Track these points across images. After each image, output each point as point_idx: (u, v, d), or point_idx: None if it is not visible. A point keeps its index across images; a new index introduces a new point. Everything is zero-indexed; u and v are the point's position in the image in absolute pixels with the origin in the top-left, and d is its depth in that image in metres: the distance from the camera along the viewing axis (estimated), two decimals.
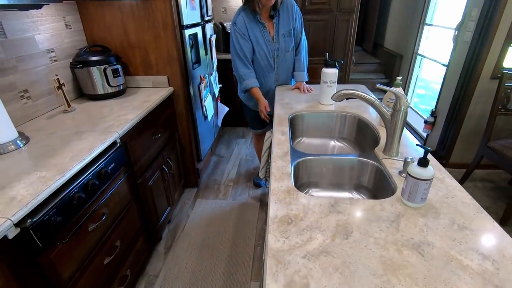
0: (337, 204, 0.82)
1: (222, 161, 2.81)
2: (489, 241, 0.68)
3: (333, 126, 1.52)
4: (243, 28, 1.72)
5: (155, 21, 1.77)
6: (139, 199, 1.54)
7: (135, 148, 1.46)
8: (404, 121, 1.00)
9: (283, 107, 1.57)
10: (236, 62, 1.80)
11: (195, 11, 2.04)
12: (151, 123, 1.66)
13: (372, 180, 1.03)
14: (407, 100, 0.97)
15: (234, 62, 1.82)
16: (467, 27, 2.28)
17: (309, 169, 1.10)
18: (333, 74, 1.51)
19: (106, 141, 1.21)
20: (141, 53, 1.88)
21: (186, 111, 2.06)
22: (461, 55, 2.33)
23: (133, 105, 1.62)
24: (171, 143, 1.98)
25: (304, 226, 0.74)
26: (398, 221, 0.75)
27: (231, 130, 3.43)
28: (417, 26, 3.18)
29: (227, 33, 3.15)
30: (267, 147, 1.83)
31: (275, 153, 1.11)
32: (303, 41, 1.86)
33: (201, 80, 2.21)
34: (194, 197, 2.30)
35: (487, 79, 2.17)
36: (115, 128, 1.33)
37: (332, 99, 1.12)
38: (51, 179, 0.95)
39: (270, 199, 0.86)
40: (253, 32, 1.73)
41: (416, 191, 0.77)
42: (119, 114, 1.50)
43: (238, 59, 1.78)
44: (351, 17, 2.79)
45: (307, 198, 0.85)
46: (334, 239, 0.70)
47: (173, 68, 1.91)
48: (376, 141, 1.23)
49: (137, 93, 1.84)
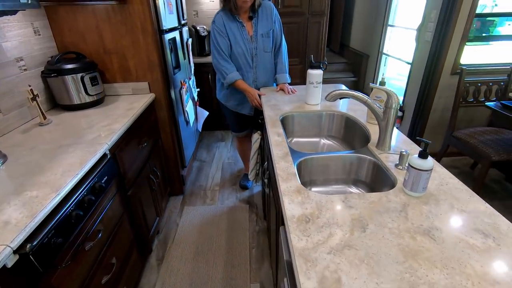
0: (347, 200, 0.86)
1: (205, 166, 2.77)
2: (485, 221, 0.76)
3: (321, 125, 1.57)
4: (221, 26, 1.73)
5: (134, 26, 1.71)
6: (131, 212, 1.47)
7: (124, 159, 1.40)
8: (395, 117, 1.07)
9: (272, 108, 1.60)
10: (217, 58, 1.80)
11: (172, 15, 2.00)
12: (137, 132, 1.60)
13: (370, 174, 1.10)
14: (398, 98, 1.05)
15: (215, 58, 1.81)
16: (427, 28, 2.48)
17: (309, 168, 1.14)
18: (318, 75, 1.57)
19: (97, 153, 1.15)
20: (118, 59, 1.79)
21: (168, 118, 2.00)
22: (423, 54, 2.53)
23: (116, 114, 1.55)
24: (155, 151, 1.91)
25: (322, 223, 0.77)
26: (405, 211, 0.81)
27: (209, 134, 3.40)
28: (381, 27, 3.40)
29: (200, 37, 3.12)
30: (256, 148, 1.85)
31: (276, 154, 1.13)
32: (283, 44, 1.91)
33: (182, 85, 2.17)
34: (180, 204, 2.24)
35: (448, 75, 2.39)
36: (103, 139, 1.26)
37: (326, 99, 1.16)
38: (46, 198, 0.88)
39: (282, 200, 0.87)
40: (231, 30, 1.74)
41: (419, 182, 0.83)
42: (103, 124, 1.43)
43: (218, 55, 1.78)
44: (322, 20, 2.91)
45: (317, 195, 0.88)
46: (353, 233, 0.74)
47: (153, 74, 1.85)
48: (365, 137, 1.30)
49: (117, 101, 1.76)
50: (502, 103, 1.85)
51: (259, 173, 1.96)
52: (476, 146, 2.00)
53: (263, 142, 1.78)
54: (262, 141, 1.82)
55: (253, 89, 1.85)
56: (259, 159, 1.90)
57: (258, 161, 1.90)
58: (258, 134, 1.86)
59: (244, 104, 1.98)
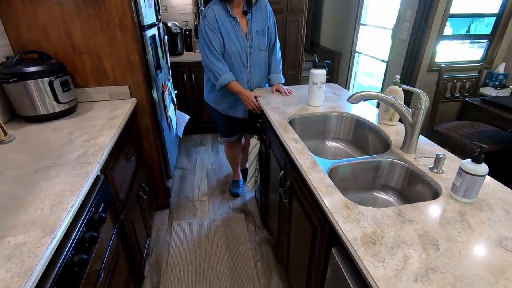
0: (402, 212, 0.79)
1: (188, 174, 2.56)
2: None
3: (329, 128, 1.51)
4: (213, 21, 1.57)
5: (110, 21, 1.47)
6: (125, 239, 1.26)
7: (116, 179, 1.18)
8: (423, 119, 1.03)
9: (275, 111, 1.49)
10: (208, 57, 1.63)
11: (151, 9, 1.78)
12: (124, 145, 1.38)
13: (402, 179, 1.05)
14: (427, 99, 1.01)
15: (206, 57, 1.64)
16: (402, 27, 2.57)
17: (339, 175, 1.06)
18: (322, 75, 1.50)
19: (90, 177, 0.94)
20: (92, 60, 1.53)
21: (152, 125, 1.78)
22: (400, 52, 2.62)
23: (98, 125, 1.31)
24: (141, 163, 1.69)
25: (390, 244, 0.69)
26: (466, 220, 0.76)
27: (187, 138, 3.17)
28: (353, 26, 3.48)
29: (172, 34, 2.88)
30: (256, 154, 1.73)
31: (303, 164, 1.02)
32: (277, 42, 1.81)
33: (164, 88, 1.95)
34: (168, 220, 2.03)
35: (425, 72, 2.50)
36: (92, 158, 1.04)
37: (349, 101, 1.09)
38: (38, 244, 0.67)
39: (335, 220, 0.77)
40: (224, 26, 1.59)
41: (473, 187, 0.80)
42: (85, 138, 1.19)
43: (209, 53, 1.62)
44: (301, 17, 2.86)
45: (370, 210, 0.80)
46: (428, 253, 0.67)
47: (134, 76, 1.62)
48: (382, 139, 1.26)
49: (93, 109, 1.50)
50: (482, 99, 1.97)
51: (258, 181, 1.84)
52: (458, 140, 2.10)
53: (263, 147, 1.66)
54: (261, 146, 1.70)
55: (248, 91, 1.72)
56: (258, 165, 1.78)
57: (257, 167, 1.78)
58: (256, 139, 1.74)
59: (237, 107, 1.84)
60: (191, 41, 3.14)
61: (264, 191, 1.77)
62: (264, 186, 1.76)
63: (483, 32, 2.73)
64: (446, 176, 0.95)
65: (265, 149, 1.61)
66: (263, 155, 1.67)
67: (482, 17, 2.67)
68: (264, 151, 1.65)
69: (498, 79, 2.52)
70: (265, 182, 1.73)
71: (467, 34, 2.73)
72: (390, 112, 1.30)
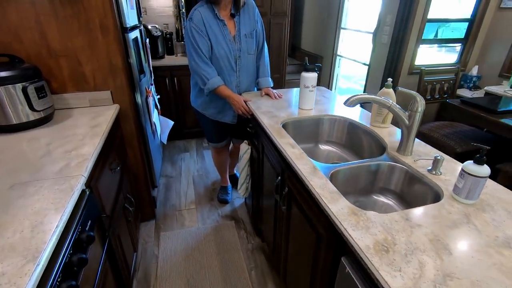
0: (409, 217, 0.78)
1: (173, 182, 2.46)
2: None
3: (321, 131, 1.50)
4: (200, 24, 1.52)
5: (90, 22, 1.37)
6: (112, 257, 1.16)
7: (102, 192, 1.10)
8: (420, 121, 1.04)
9: (267, 116, 1.46)
10: (196, 61, 1.57)
11: (133, 10, 1.69)
12: (108, 154, 1.29)
13: (402, 182, 1.05)
14: (423, 102, 1.02)
15: (193, 61, 1.58)
16: (383, 31, 2.64)
17: (339, 180, 1.04)
18: (313, 78, 1.49)
19: (75, 192, 0.85)
20: (70, 64, 1.43)
21: (136, 132, 1.69)
22: (381, 55, 2.69)
23: (79, 134, 1.21)
24: (125, 173, 1.59)
25: (403, 251, 0.67)
26: (472, 222, 0.76)
27: (171, 145, 3.07)
28: (334, 30, 3.54)
29: (152, 37, 2.78)
30: (247, 160, 1.68)
31: (303, 170, 0.99)
32: (265, 45, 1.78)
33: (147, 93, 1.86)
34: (155, 231, 1.93)
35: (405, 75, 2.58)
36: (75, 170, 0.95)
37: (346, 105, 1.08)
38: (20, 274, 0.59)
39: (344, 227, 0.75)
40: (211, 29, 1.54)
41: (476, 189, 0.80)
42: (66, 148, 1.09)
43: (197, 57, 1.56)
44: (284, 21, 2.87)
45: (377, 216, 0.78)
46: (442, 258, 0.65)
47: (117, 81, 1.53)
48: (376, 142, 1.26)
49: (73, 117, 1.40)
50: (462, 100, 2.05)
51: (249, 187, 1.79)
52: (439, 140, 2.18)
53: (255, 152, 1.63)
54: (252, 152, 1.66)
55: (238, 95, 1.68)
56: (249, 171, 1.73)
57: (249, 173, 1.74)
58: (246, 144, 1.70)
59: (225, 112, 1.79)
60: (172, 44, 3.05)
61: (256, 196, 1.73)
62: (256, 192, 1.72)
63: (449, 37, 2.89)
64: (444, 177, 0.96)
65: (257, 154, 1.57)
66: (255, 161, 1.63)
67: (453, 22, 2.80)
68: (256, 156, 1.61)
69: (472, 81, 2.65)
70: (257, 188, 1.69)
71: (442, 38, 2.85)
72: (383, 115, 1.31)
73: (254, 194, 1.77)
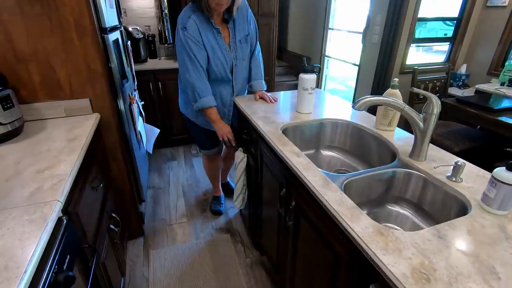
0: (442, 234, 0.69)
1: (161, 193, 2.31)
2: None
3: (323, 136, 1.40)
4: (196, 34, 1.39)
5: (63, 22, 1.22)
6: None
7: (83, 216, 0.95)
8: (435, 124, 0.97)
9: (264, 121, 1.35)
10: (191, 74, 1.45)
11: (113, 9, 1.54)
12: (89, 171, 1.13)
13: (420, 190, 0.96)
14: (439, 102, 0.94)
15: (188, 74, 1.45)
16: (373, 31, 2.61)
17: (353, 191, 0.94)
18: (312, 80, 1.40)
19: (48, 222, 0.71)
20: (40, 69, 1.26)
21: (120, 143, 1.53)
22: (371, 55, 2.65)
23: (54, 149, 1.05)
24: (109, 189, 1.43)
25: (446, 279, 0.58)
26: (511, 237, 0.69)
27: (156, 153, 2.90)
28: (322, 30, 3.49)
29: (134, 40, 2.61)
30: (243, 169, 1.56)
31: (314, 182, 0.89)
32: (258, 46, 1.68)
33: (131, 100, 1.71)
34: (143, 250, 1.77)
35: (397, 74, 2.55)
36: (50, 194, 0.80)
37: (355, 108, 0.99)
38: None
39: (371, 251, 0.65)
40: (207, 38, 1.43)
41: (510, 199, 0.72)
42: (38, 167, 0.94)
43: (194, 70, 1.44)
44: (272, 21, 2.78)
45: (406, 235, 0.69)
46: (490, 285, 0.57)
47: (97, 87, 1.37)
48: (384, 147, 1.18)
49: (46, 129, 1.23)
50: (457, 99, 2.03)
51: (246, 198, 1.68)
52: (435, 140, 2.14)
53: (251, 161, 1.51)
54: (249, 160, 1.55)
55: (225, 124, 1.60)
56: (245, 180, 1.62)
57: (245, 183, 1.62)
58: (241, 151, 1.58)
59: None
60: (155, 47, 2.90)
61: (254, 207, 1.61)
62: (254, 202, 1.60)
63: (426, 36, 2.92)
64: (466, 184, 0.88)
65: (255, 163, 1.46)
66: (253, 170, 1.52)
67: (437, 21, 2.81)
68: (253, 165, 1.50)
69: (461, 79, 2.66)
70: (254, 198, 1.58)
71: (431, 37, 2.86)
72: (389, 117, 1.23)
73: (252, 204, 1.65)
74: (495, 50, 2.48)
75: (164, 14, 2.70)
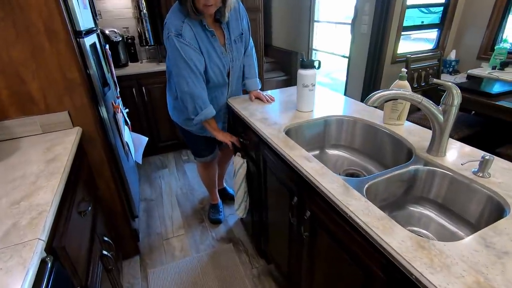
0: (488, 242, 0.62)
1: (154, 206, 2.17)
2: None
3: (328, 134, 1.32)
4: (193, 41, 1.27)
5: (30, 26, 1.07)
6: None
7: (70, 250, 0.82)
8: (456, 116, 0.89)
9: (263, 123, 1.25)
10: (190, 86, 1.31)
11: (87, 10, 1.39)
12: (74, 194, 1.00)
13: (444, 189, 0.89)
14: (459, 93, 0.87)
15: (186, 86, 1.32)
16: (362, 21, 2.54)
17: (371, 194, 0.86)
18: (313, 75, 1.30)
19: (29, 269, 0.58)
20: (8, 82, 1.11)
21: (107, 157, 1.40)
22: (361, 46, 2.59)
23: (33, 173, 0.91)
24: (98, 210, 1.29)
25: None
26: None
27: (145, 162, 2.74)
28: (307, 23, 3.41)
29: (112, 43, 2.44)
30: (243, 176, 1.46)
31: (332, 189, 0.80)
32: (251, 42, 1.56)
33: (115, 108, 1.56)
34: (141, 269, 1.64)
35: (389, 64, 2.50)
36: (28, 232, 0.67)
37: (368, 104, 0.90)
38: None
39: (415, 270, 0.56)
40: (203, 43, 1.30)
41: None
42: (13, 198, 0.80)
43: (195, 79, 1.31)
44: (258, 16, 2.67)
45: (450, 247, 0.61)
46: None
47: (75, 98, 1.23)
48: (396, 143, 1.10)
49: (20, 149, 1.08)
50: None
51: (248, 205, 1.57)
52: None
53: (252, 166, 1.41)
54: (249, 165, 1.44)
55: (223, 132, 1.51)
56: (246, 188, 1.51)
57: (246, 190, 1.51)
58: (240, 157, 1.48)
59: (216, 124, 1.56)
60: (135, 49, 2.73)
61: (258, 213, 1.51)
62: (257, 209, 1.50)
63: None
64: (496, 180, 0.81)
65: (256, 168, 1.36)
66: (255, 176, 1.41)
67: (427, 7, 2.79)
68: (254, 170, 1.40)
69: (451, 65, 2.64)
70: (257, 204, 1.48)
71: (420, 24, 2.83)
72: (398, 110, 1.16)
73: (255, 211, 1.55)
74: (483, 35, 2.47)
75: (143, 14, 2.54)
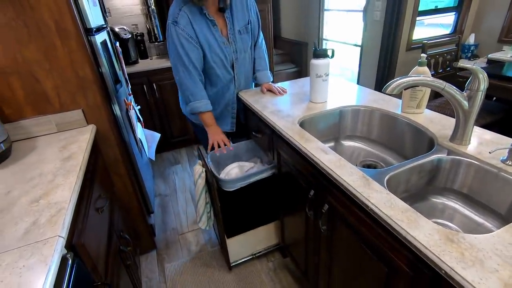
0: None
1: (168, 201, 2.19)
2: None
3: (343, 125, 1.28)
4: (189, 29, 1.24)
5: (41, 26, 1.07)
6: None
7: (90, 247, 0.82)
8: (482, 102, 0.84)
9: (277, 115, 1.23)
10: (180, 75, 1.31)
11: (97, 7, 1.39)
12: (90, 191, 1.01)
13: (470, 179, 0.85)
14: (486, 77, 0.82)
15: (178, 74, 1.32)
16: (374, 7, 2.45)
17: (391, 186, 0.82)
18: (326, 65, 1.26)
19: (52, 266, 0.59)
20: (23, 82, 1.12)
21: (121, 154, 1.40)
22: (374, 34, 2.51)
23: (50, 171, 0.92)
24: (115, 207, 1.31)
25: None
26: None
27: (158, 158, 2.76)
28: (317, 13, 3.33)
29: (122, 40, 2.45)
30: (203, 185, 1.39)
31: (352, 182, 0.77)
32: (261, 35, 1.53)
33: (127, 105, 1.57)
34: (158, 264, 1.66)
35: (404, 52, 2.41)
36: (48, 229, 0.68)
37: (387, 92, 0.86)
38: None
39: (446, 265, 0.53)
40: (202, 32, 1.27)
41: None
42: (32, 196, 0.81)
43: (183, 71, 1.30)
44: (266, 7, 2.62)
45: (482, 239, 0.57)
46: None
47: (89, 96, 1.24)
48: (416, 132, 1.06)
49: (37, 149, 1.10)
50: None
51: (211, 215, 1.52)
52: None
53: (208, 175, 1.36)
54: (207, 174, 1.37)
55: (217, 128, 1.46)
56: (208, 197, 1.45)
57: (208, 200, 1.46)
58: (200, 165, 1.40)
59: (223, 120, 1.56)
60: (145, 46, 2.73)
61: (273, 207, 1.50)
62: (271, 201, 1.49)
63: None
64: None
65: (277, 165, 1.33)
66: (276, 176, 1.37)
67: None
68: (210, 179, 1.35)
69: (470, 50, 2.53)
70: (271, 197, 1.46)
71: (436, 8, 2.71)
72: (418, 98, 1.11)
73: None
74: (505, 16, 2.34)
75: (151, 10, 2.53)
